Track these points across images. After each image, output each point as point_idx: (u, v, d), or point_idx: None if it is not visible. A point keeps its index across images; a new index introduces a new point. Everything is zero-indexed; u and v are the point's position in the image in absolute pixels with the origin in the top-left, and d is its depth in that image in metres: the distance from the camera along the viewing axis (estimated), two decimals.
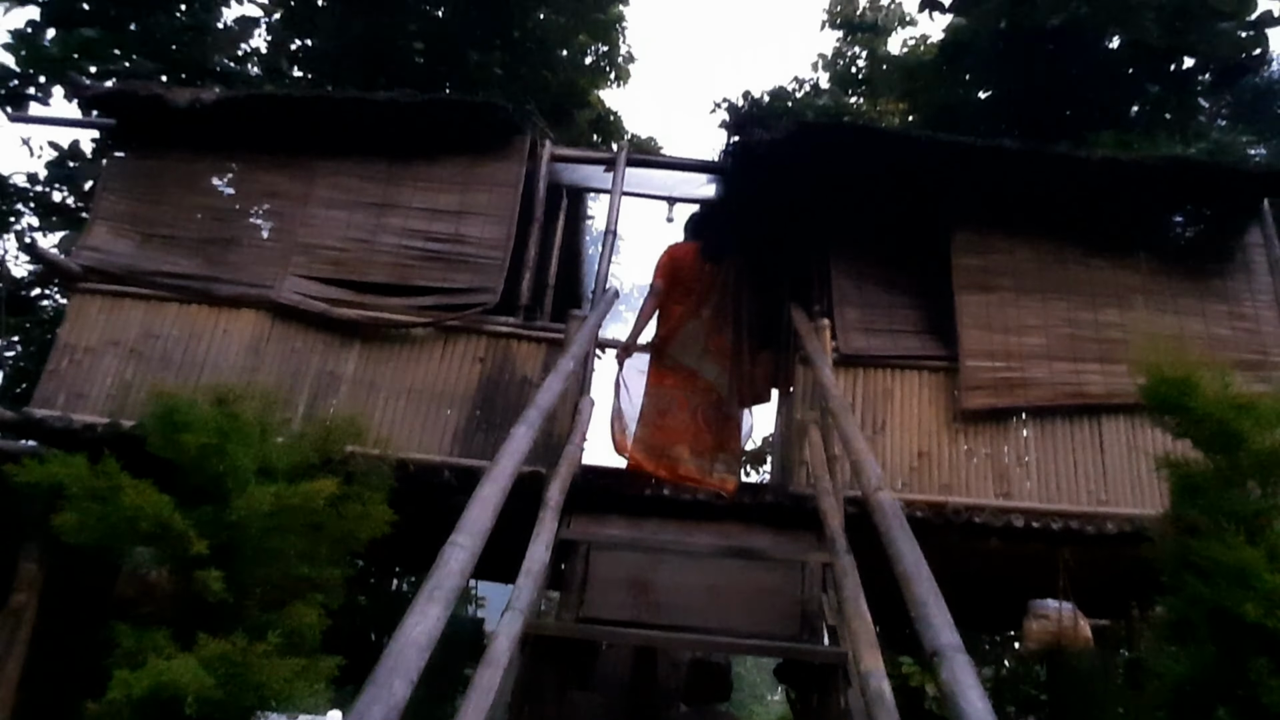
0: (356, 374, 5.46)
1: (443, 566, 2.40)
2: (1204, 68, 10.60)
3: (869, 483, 3.28)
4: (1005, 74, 9.07)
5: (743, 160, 5.83)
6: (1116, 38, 10.13)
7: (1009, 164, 5.61)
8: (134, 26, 10.16)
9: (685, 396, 5.78)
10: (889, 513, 3.02)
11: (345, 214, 5.84)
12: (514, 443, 3.22)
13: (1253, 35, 10.12)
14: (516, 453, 3.16)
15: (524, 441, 3.27)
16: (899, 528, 2.91)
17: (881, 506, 3.07)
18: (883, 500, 3.10)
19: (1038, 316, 5.65)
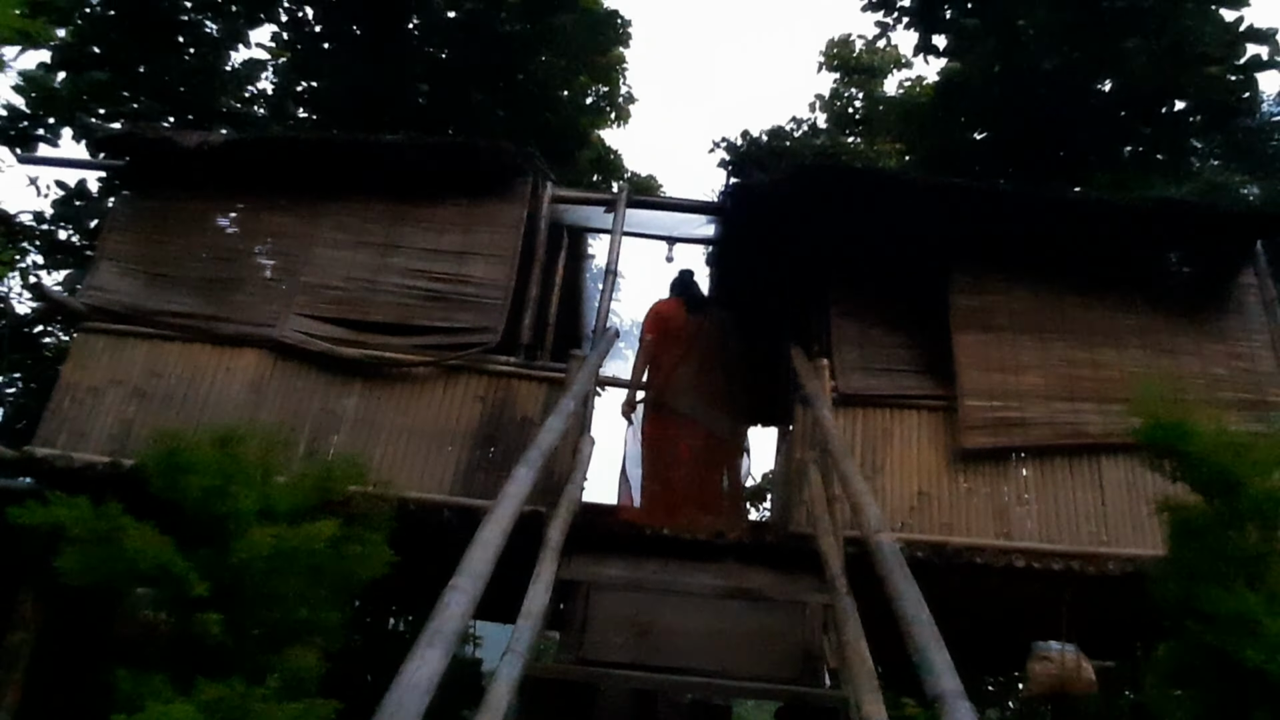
0: (358, 413, 5.48)
1: (443, 610, 2.40)
2: (1195, 110, 10.77)
3: (869, 525, 3.28)
4: (1000, 116, 9.23)
5: (741, 201, 5.92)
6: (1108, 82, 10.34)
7: (1004, 206, 5.70)
8: (143, 69, 10.36)
9: (686, 443, 6.00)
10: (889, 555, 3.03)
11: (349, 254, 5.90)
12: (515, 484, 3.24)
13: (1242, 79, 10.31)
14: (517, 495, 3.18)
15: (525, 483, 3.29)
16: (899, 570, 2.92)
17: (881, 549, 3.08)
18: (883, 543, 3.11)
19: (1035, 356, 5.69)
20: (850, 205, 5.75)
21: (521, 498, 3.18)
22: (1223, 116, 10.63)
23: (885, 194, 5.68)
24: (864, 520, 3.31)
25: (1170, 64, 9.52)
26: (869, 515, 3.32)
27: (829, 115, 17.71)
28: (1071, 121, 9.98)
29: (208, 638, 2.77)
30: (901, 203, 5.69)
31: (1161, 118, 10.54)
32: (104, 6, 10.14)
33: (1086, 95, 9.48)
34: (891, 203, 5.70)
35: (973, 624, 5.49)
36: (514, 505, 3.09)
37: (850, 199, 5.73)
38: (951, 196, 5.61)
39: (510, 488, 3.20)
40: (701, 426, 6.06)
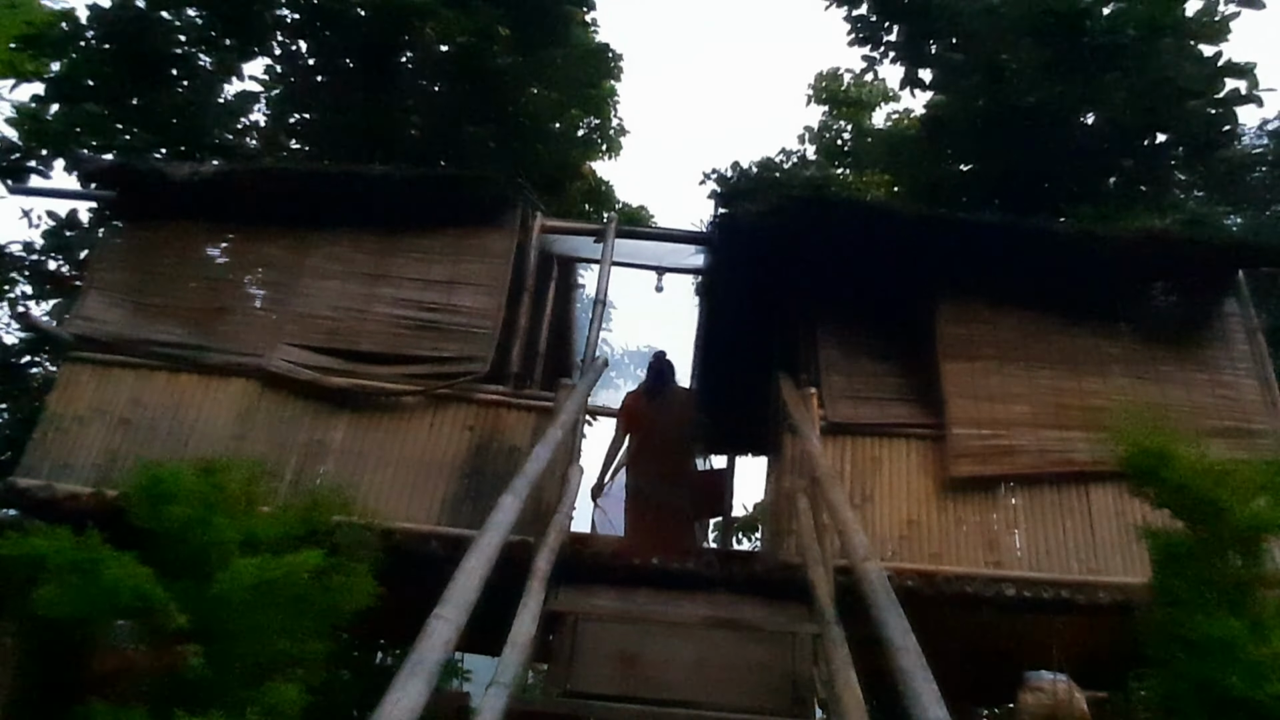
0: (345, 443, 5.46)
1: (426, 640, 2.38)
2: (1176, 143, 10.93)
3: (855, 552, 3.28)
4: (984, 149, 9.35)
5: (728, 232, 5.97)
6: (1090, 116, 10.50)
7: (989, 236, 5.76)
8: (135, 101, 10.43)
9: (655, 518, 6.72)
10: (876, 583, 3.02)
11: (338, 284, 5.92)
12: (500, 513, 3.23)
13: (1222, 112, 10.48)
14: (503, 524, 3.16)
15: (510, 512, 3.27)
16: (885, 598, 2.91)
17: (868, 577, 3.07)
18: (869, 571, 3.10)
19: (1022, 385, 5.72)
20: (837, 236, 5.81)
21: (507, 527, 3.17)
22: (1204, 149, 10.79)
23: (871, 224, 5.74)
24: (851, 548, 3.31)
25: (1151, 99, 9.68)
26: (856, 543, 3.31)
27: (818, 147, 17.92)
28: (1055, 155, 10.11)
29: (187, 670, 2.73)
30: (887, 233, 5.75)
31: (1143, 151, 10.68)
32: (98, 40, 10.23)
33: (1069, 129, 9.61)
34: (878, 233, 5.76)
35: (963, 654, 5.45)
36: (499, 535, 3.08)
37: (836, 229, 5.79)
38: (937, 227, 5.68)
39: (496, 516, 3.19)
40: (665, 503, 6.81)
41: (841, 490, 3.92)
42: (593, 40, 13.57)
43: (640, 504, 6.86)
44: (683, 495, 7.07)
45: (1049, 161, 9.96)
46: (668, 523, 6.74)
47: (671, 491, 6.97)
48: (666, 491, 6.92)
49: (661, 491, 6.90)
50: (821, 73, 18.81)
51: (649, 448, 7.01)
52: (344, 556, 3.50)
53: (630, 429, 7.13)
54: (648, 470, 6.96)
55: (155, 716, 2.63)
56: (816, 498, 5.17)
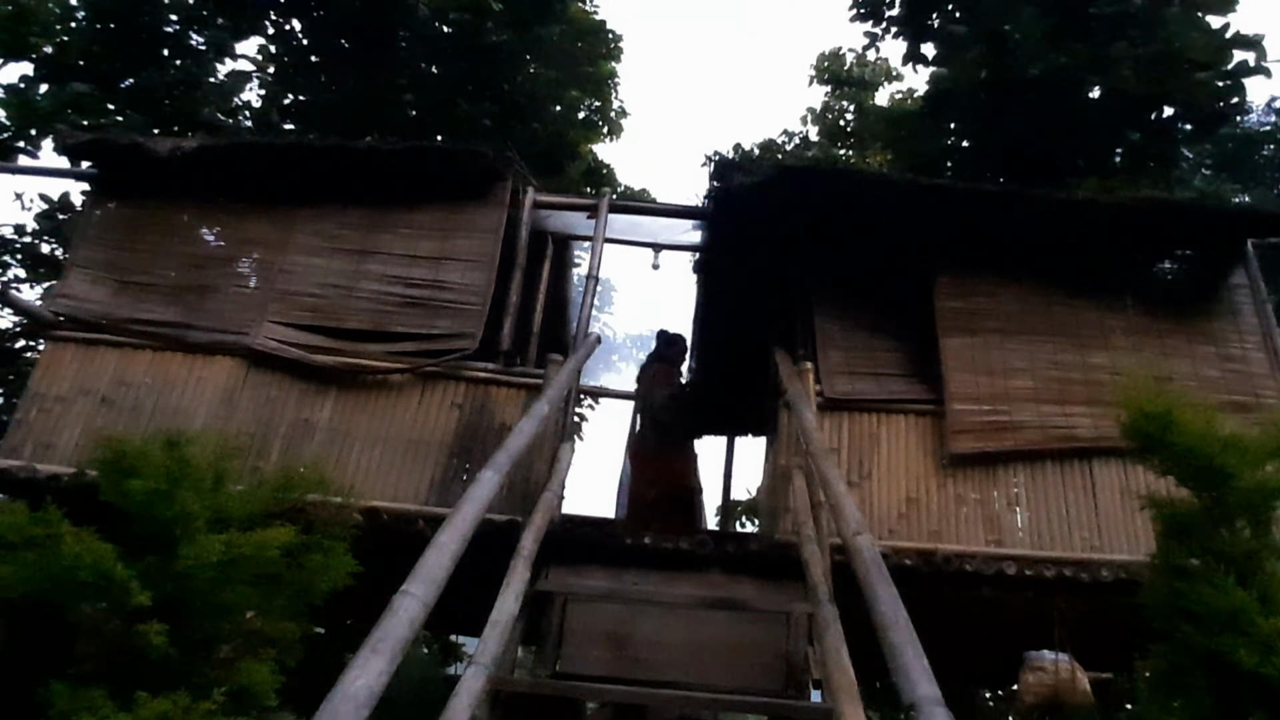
0: (331, 422, 5.35)
1: (391, 616, 2.28)
2: (1183, 117, 10.72)
3: (848, 527, 3.16)
4: (987, 124, 9.17)
5: (724, 205, 5.82)
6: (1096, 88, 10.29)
7: (990, 206, 5.60)
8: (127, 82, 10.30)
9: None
10: (867, 558, 2.91)
11: (324, 261, 5.80)
12: (479, 488, 3.12)
13: (1229, 85, 10.27)
14: (480, 499, 3.05)
15: (489, 487, 3.16)
16: (877, 573, 2.79)
17: (860, 551, 2.96)
18: (861, 545, 2.99)
19: (1024, 359, 5.58)
20: (834, 208, 5.67)
21: (484, 502, 3.06)
22: (1211, 123, 10.59)
23: (869, 196, 5.59)
24: (843, 522, 3.19)
25: (1158, 70, 9.47)
26: (848, 517, 3.20)
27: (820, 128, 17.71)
28: (1059, 129, 9.93)
29: (151, 649, 2.63)
30: (885, 205, 5.60)
31: (1150, 125, 10.48)
32: (88, 19, 10.11)
33: (1074, 102, 9.42)
34: (875, 205, 5.62)
35: (963, 634, 5.35)
36: (476, 509, 2.97)
37: (833, 201, 5.64)
38: (936, 197, 5.52)
39: (474, 491, 3.08)
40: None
41: (835, 465, 3.80)
42: (590, 18, 13.37)
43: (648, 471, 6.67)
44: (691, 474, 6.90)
45: (1053, 135, 9.77)
46: (674, 501, 6.54)
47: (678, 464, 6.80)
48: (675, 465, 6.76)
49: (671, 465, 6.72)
50: (824, 53, 18.59)
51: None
52: (321, 534, 3.39)
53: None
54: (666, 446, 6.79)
55: (116, 697, 2.54)
56: (812, 474, 5.06)
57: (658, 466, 6.79)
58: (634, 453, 6.96)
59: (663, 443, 6.93)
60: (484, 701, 3.10)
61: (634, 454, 6.95)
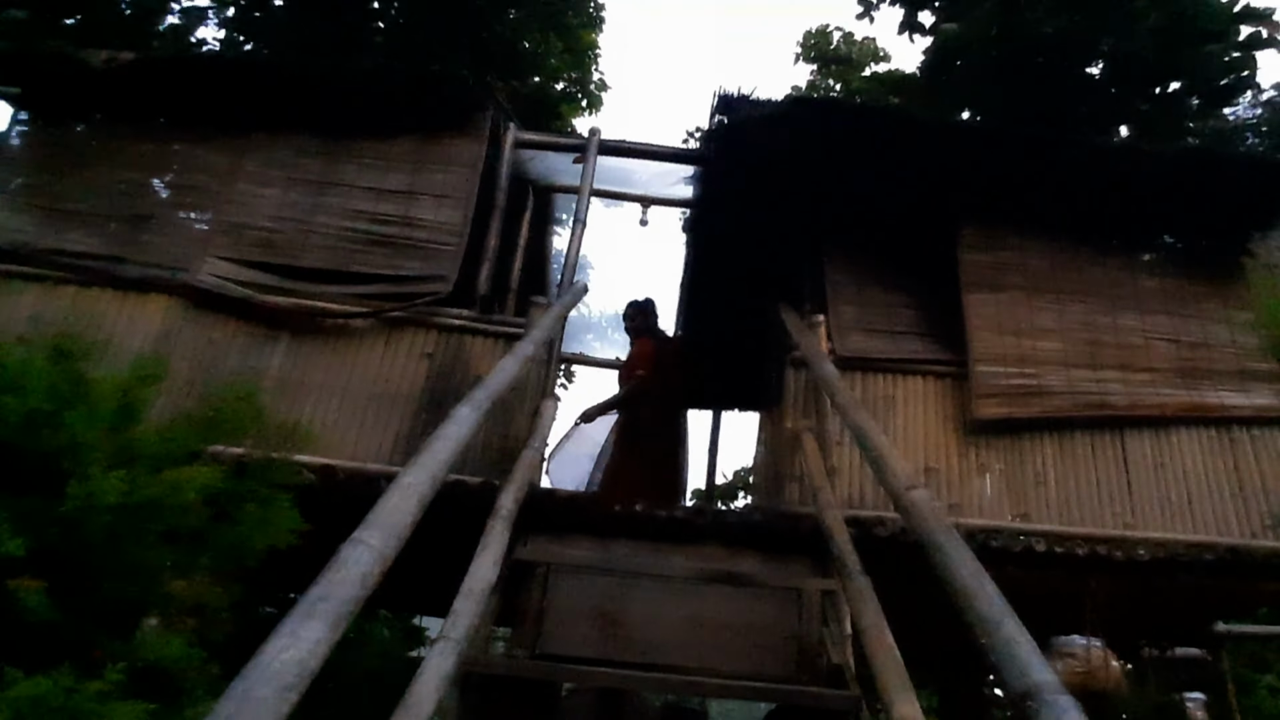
0: (283, 371, 4.72)
1: (336, 570, 1.70)
2: (1192, 90, 10.35)
3: (897, 482, 2.63)
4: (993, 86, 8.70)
5: (728, 143, 5.25)
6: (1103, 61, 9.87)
7: (1019, 152, 5.10)
8: (73, 19, 9.48)
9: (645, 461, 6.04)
10: (928, 516, 2.38)
11: (279, 192, 5.15)
12: (455, 425, 2.54)
13: (1239, 57, 9.91)
14: (456, 438, 2.48)
15: (466, 425, 2.59)
16: (944, 533, 2.26)
17: (918, 509, 2.43)
18: (918, 501, 2.46)
19: (1053, 319, 5.10)
20: (849, 150, 5.13)
21: (460, 441, 2.48)
22: (1220, 97, 10.22)
23: (891, 136, 5.05)
24: (890, 477, 2.66)
25: (1170, 36, 9.05)
26: (896, 470, 2.66)
27: None
28: (1065, 96, 9.50)
29: (26, 612, 2.03)
30: (907, 147, 5.08)
31: (1158, 97, 10.10)
32: None
33: (1084, 67, 8.99)
34: (896, 147, 5.09)
35: None
36: (449, 449, 2.40)
37: (850, 142, 5.09)
38: (964, 140, 5.02)
39: (448, 429, 2.50)
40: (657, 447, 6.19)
41: (868, 415, 3.28)
42: None
43: (630, 446, 6.23)
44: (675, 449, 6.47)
45: (1059, 103, 9.33)
46: (660, 468, 6.09)
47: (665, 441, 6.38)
48: (659, 441, 6.31)
49: (655, 440, 6.29)
50: (810, 31, 18.10)
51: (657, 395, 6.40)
52: (258, 484, 2.79)
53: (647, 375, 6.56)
54: (649, 418, 6.34)
55: None
56: (825, 436, 4.54)
57: (643, 445, 6.31)
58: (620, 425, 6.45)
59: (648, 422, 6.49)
60: (453, 685, 2.54)
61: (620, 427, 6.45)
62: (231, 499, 2.64)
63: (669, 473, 6.25)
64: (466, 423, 2.58)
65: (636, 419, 6.44)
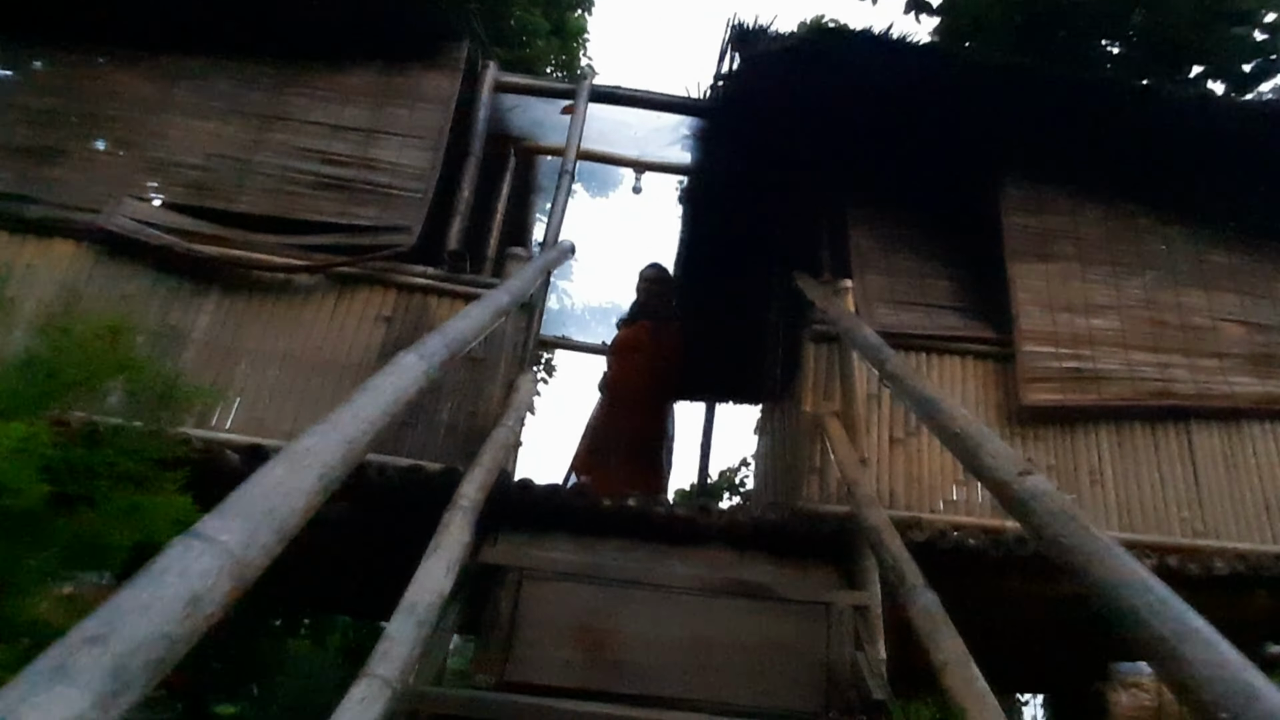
0: (211, 332, 3.96)
1: (138, 590, 0.97)
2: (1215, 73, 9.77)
3: (997, 466, 1.93)
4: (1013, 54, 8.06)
5: (742, 86, 4.55)
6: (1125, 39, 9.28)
7: (1073, 98, 4.43)
8: None
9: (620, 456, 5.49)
10: (1055, 507, 1.68)
11: (214, 125, 4.39)
12: (393, 375, 1.82)
13: (1267, 40, 9.33)
14: (391, 391, 1.75)
15: (408, 376, 1.86)
16: (1093, 539, 1.57)
17: (1041, 502, 1.73)
18: (1038, 491, 1.76)
19: (1109, 294, 4.44)
20: (880, 93, 4.44)
21: (396, 397, 1.76)
22: (1246, 81, 9.63)
23: (930, 78, 4.37)
24: (987, 458, 1.96)
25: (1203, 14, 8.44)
26: (994, 451, 1.97)
27: None
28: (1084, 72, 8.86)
29: None
30: (947, 91, 4.40)
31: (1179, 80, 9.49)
32: None
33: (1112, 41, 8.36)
34: (935, 91, 4.41)
35: (1032, 638, 4.21)
36: (380, 406, 1.67)
37: (882, 84, 4.41)
38: (1014, 83, 4.33)
39: (383, 379, 1.78)
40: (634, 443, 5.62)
41: (930, 383, 2.59)
42: None
43: (602, 440, 5.56)
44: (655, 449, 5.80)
45: None
46: (636, 463, 5.41)
47: (642, 441, 5.72)
48: (636, 442, 5.65)
49: (630, 440, 5.63)
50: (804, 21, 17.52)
51: (638, 387, 5.77)
52: (132, 458, 2.05)
53: (620, 369, 5.96)
54: (624, 415, 5.69)
55: None
56: (854, 422, 3.85)
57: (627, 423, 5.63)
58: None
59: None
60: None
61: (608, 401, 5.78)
62: (82, 474, 1.91)
63: (650, 473, 5.56)
64: (409, 373, 1.86)
65: (617, 409, 5.76)
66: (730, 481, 15.82)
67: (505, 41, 11.20)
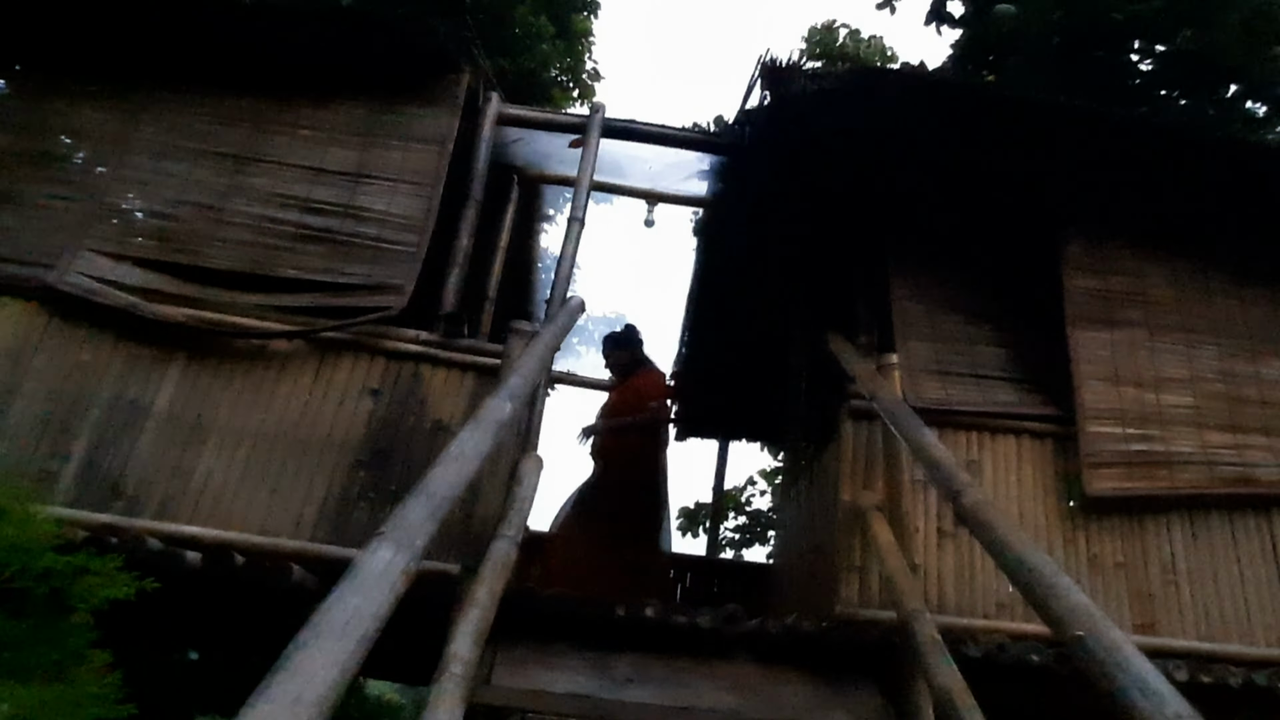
0: (175, 406, 3.51)
1: None
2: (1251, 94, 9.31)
3: None
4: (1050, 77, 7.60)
5: (772, 125, 4.10)
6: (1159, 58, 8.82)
7: (1149, 147, 3.97)
8: None
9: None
10: None
11: (184, 167, 3.94)
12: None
13: None
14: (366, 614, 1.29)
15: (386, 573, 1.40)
16: None
17: None
18: None
19: (1181, 366, 3.98)
20: (922, 138, 3.99)
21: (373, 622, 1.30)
22: None
23: (978, 120, 3.91)
24: None
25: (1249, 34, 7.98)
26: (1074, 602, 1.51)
27: None
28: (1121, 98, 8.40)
29: None
30: (1002, 136, 3.95)
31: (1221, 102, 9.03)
32: None
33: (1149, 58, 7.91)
34: (987, 135, 3.95)
35: None
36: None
37: (924, 127, 3.95)
38: (1078, 125, 3.87)
39: None
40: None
41: (1019, 531, 2.15)
42: None
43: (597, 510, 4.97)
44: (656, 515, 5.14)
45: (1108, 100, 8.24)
46: (623, 543, 4.79)
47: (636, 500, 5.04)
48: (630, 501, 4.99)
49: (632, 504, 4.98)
50: (815, 26, 17.07)
51: (623, 446, 5.09)
52: None
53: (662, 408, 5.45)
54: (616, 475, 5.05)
55: None
56: (902, 521, 3.40)
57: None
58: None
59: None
60: None
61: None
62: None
63: (646, 547, 4.97)
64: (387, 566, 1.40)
65: (610, 473, 5.10)
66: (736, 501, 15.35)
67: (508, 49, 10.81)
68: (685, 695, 3.07)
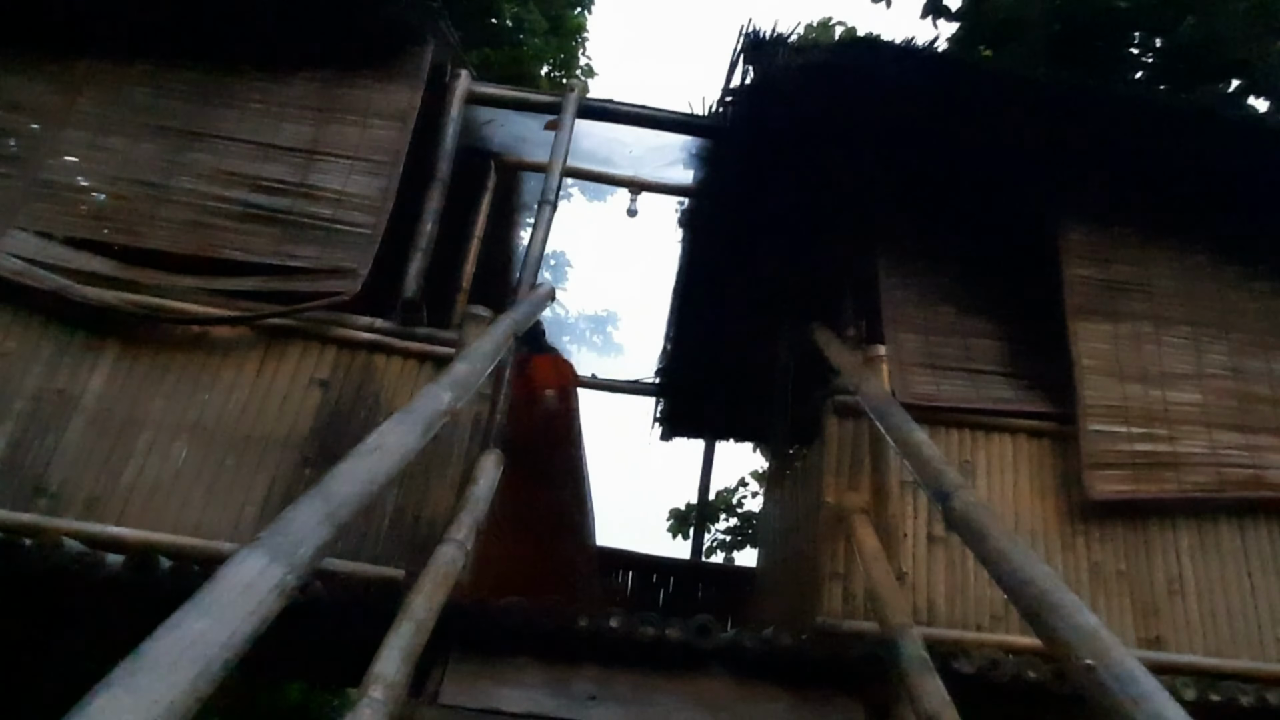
0: (106, 397, 3.25)
1: None
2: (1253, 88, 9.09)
3: None
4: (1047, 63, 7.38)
5: (755, 104, 3.85)
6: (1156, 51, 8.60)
7: (1155, 128, 3.73)
8: None
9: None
10: None
11: (124, 142, 3.68)
12: None
13: None
14: None
15: None
16: None
17: None
18: None
19: (1187, 361, 3.74)
20: (915, 116, 3.75)
21: None
22: None
23: (974, 97, 3.67)
24: None
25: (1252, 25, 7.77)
26: None
27: None
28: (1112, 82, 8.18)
29: None
30: (994, 113, 3.71)
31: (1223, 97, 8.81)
32: None
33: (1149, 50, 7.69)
34: (979, 113, 3.71)
35: None
36: None
37: (916, 105, 3.71)
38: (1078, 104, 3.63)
39: None
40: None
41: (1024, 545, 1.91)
42: None
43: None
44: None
45: None
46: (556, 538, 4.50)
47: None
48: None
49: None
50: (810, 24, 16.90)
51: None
52: None
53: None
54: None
55: None
56: (890, 526, 3.15)
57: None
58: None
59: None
60: None
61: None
62: None
63: (570, 543, 4.61)
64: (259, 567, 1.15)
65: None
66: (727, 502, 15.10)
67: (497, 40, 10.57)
68: (652, 714, 2.82)
